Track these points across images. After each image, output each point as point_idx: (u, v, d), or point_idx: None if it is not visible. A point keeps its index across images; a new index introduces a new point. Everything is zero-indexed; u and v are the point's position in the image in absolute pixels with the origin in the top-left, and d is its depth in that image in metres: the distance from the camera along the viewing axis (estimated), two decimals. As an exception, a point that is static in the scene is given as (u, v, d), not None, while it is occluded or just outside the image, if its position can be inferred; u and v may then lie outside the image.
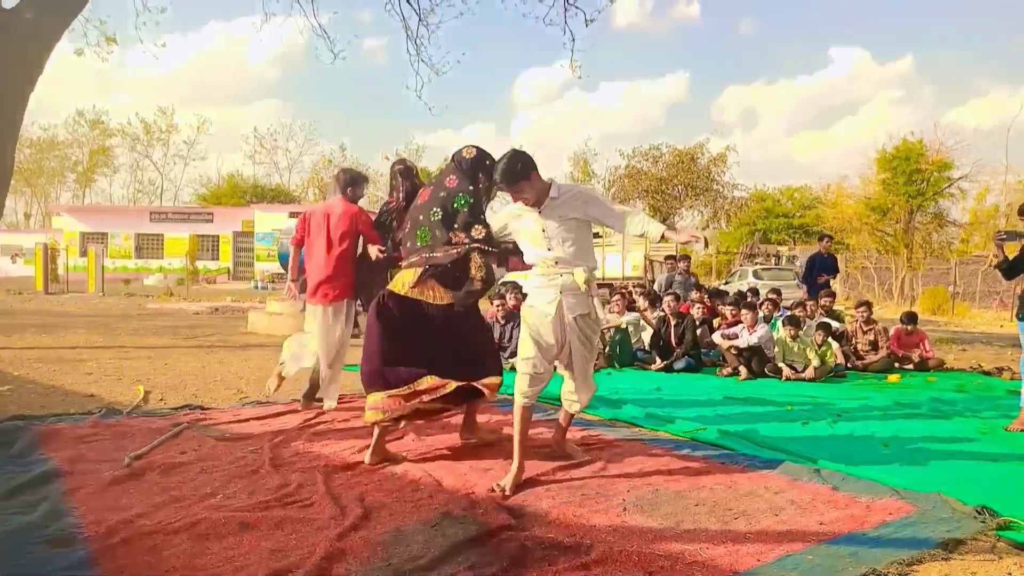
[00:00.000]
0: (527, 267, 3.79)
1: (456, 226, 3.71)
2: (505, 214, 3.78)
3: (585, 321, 3.58)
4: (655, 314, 8.42)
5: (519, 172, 3.50)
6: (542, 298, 3.55)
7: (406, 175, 4.52)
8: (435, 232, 3.75)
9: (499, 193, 4.01)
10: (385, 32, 80.00)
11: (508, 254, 3.93)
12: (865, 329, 8.31)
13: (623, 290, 9.96)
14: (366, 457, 3.66)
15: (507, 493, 3.19)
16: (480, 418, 4.88)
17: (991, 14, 65.53)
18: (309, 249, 4.99)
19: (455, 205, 3.74)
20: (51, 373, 6.41)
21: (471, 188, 3.78)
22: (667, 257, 12.91)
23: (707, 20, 74.57)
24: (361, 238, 4.88)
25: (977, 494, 3.16)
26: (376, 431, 3.66)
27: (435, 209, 3.77)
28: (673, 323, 7.98)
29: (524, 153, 3.60)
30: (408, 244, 3.89)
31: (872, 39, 73.45)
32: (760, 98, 76.11)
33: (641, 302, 8.93)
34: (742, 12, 76.85)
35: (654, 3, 76.89)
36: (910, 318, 8.44)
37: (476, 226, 3.72)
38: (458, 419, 4.81)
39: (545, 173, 3.70)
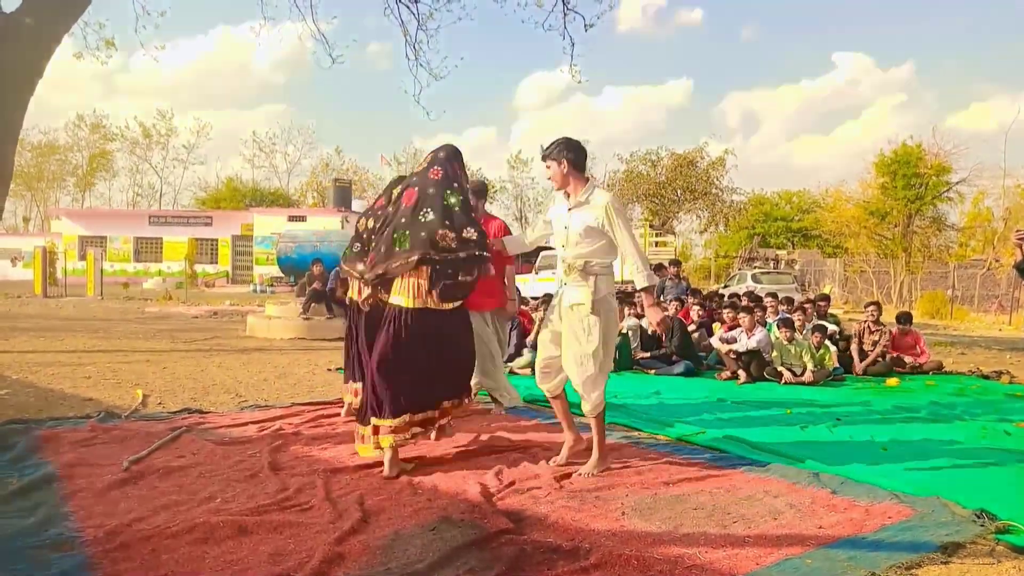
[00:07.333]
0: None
1: (448, 223, 3.55)
2: (546, 216, 3.90)
3: (577, 312, 3.58)
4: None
5: (565, 148, 3.65)
6: (557, 293, 3.75)
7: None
8: (419, 234, 3.55)
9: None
10: (389, 37, 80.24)
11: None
12: (873, 329, 8.30)
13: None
14: (385, 470, 3.51)
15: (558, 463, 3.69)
16: (468, 423, 4.88)
17: (993, 19, 65.77)
18: None
19: (446, 202, 3.61)
20: (49, 377, 6.40)
21: (455, 184, 3.70)
22: (658, 265, 12.94)
23: (710, 26, 74.79)
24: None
25: (976, 498, 3.16)
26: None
27: (425, 210, 3.61)
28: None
29: (577, 147, 3.71)
30: (383, 248, 3.68)
31: (875, 44, 73.68)
32: (762, 103, 76.34)
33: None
34: (745, 18, 77.03)
35: (657, 9, 77.14)
36: (905, 318, 8.46)
37: (468, 228, 3.58)
38: (455, 423, 4.80)
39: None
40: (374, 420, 3.54)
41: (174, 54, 66.57)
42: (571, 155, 3.66)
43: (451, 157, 3.82)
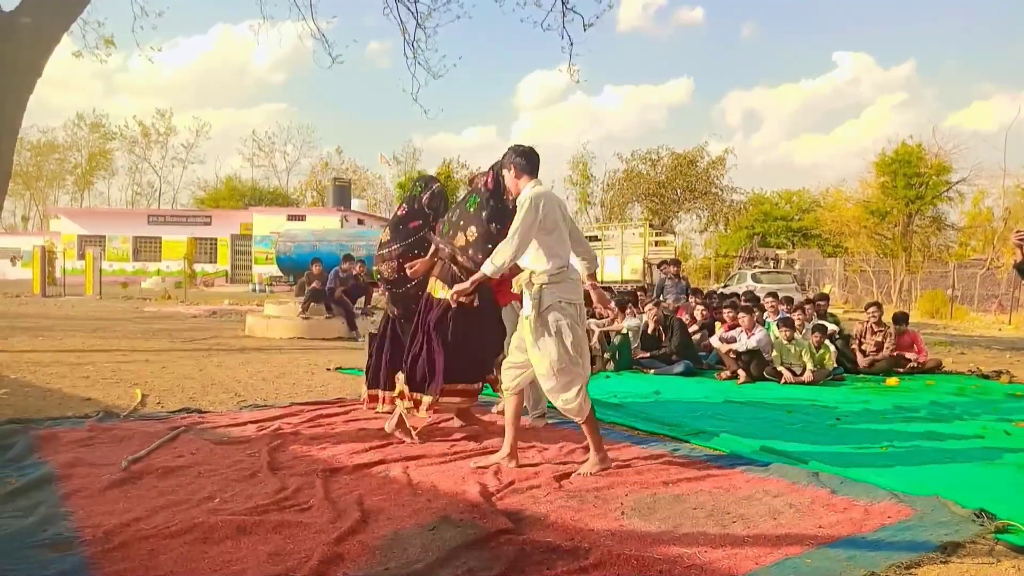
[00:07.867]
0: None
1: (461, 224, 4.14)
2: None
3: (527, 324, 3.55)
4: (643, 317, 8.50)
5: (512, 153, 3.70)
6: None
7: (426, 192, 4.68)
8: (448, 228, 4.24)
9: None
10: (388, 36, 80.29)
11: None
12: (876, 330, 8.31)
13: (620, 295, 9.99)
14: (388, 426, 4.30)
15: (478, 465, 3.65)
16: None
17: (994, 18, 65.77)
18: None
19: (467, 205, 4.17)
20: (48, 376, 6.40)
21: (481, 188, 4.17)
22: (661, 262, 12.97)
23: (710, 25, 74.85)
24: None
25: (975, 497, 3.16)
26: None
27: (458, 210, 4.25)
28: (661, 326, 8.10)
29: (524, 151, 3.68)
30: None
31: (876, 43, 73.71)
32: (762, 102, 76.39)
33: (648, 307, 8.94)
34: (746, 17, 77.08)
35: (657, 8, 77.19)
36: (901, 318, 8.47)
37: (459, 233, 4.12)
38: (451, 423, 4.80)
39: (545, 175, 3.75)
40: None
41: (173, 53, 66.82)
42: (518, 159, 3.66)
43: (492, 167, 4.18)
